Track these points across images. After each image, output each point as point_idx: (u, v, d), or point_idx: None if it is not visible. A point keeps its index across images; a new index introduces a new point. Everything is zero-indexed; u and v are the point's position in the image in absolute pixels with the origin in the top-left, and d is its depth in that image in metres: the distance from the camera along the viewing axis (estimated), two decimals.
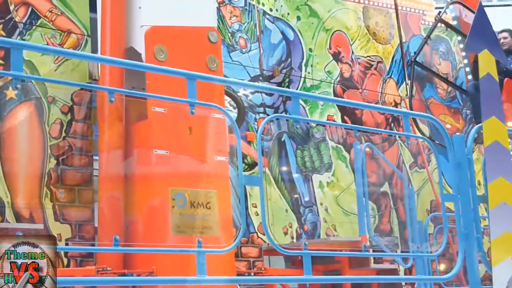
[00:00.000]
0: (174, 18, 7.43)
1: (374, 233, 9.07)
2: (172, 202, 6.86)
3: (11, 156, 7.07)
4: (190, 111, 4.91)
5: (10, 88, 7.08)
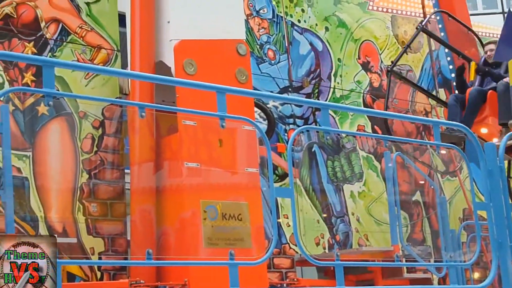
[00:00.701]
0: (203, 31, 7.47)
1: (406, 243, 9.03)
2: (204, 214, 6.88)
3: (44, 171, 7.14)
4: (220, 125, 4.93)
5: (42, 104, 7.15)
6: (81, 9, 7.78)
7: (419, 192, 10.00)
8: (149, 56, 7.38)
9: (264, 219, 7.60)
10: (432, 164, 10.41)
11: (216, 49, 7.46)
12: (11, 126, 6.64)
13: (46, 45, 7.46)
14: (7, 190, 5.84)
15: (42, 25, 7.49)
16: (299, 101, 8.93)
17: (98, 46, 7.79)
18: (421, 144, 8.39)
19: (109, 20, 7.94)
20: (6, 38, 7.26)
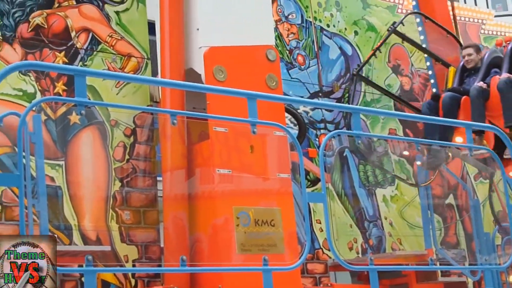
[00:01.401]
0: (232, 38, 7.48)
1: (440, 246, 8.98)
2: (236, 220, 6.89)
3: (77, 180, 7.18)
4: (251, 131, 4.94)
5: (74, 113, 7.20)
6: (110, 18, 7.82)
7: (452, 195, 9.93)
8: (179, 64, 7.40)
9: (297, 224, 7.59)
10: (464, 167, 10.35)
11: (245, 55, 7.46)
12: (44, 136, 6.69)
13: (76, 54, 7.52)
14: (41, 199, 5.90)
15: (72, 35, 7.54)
16: (329, 106, 8.91)
17: (128, 55, 7.83)
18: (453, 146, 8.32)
19: (139, 29, 7.98)
20: (37, 49, 7.33)
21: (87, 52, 7.58)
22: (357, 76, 9.08)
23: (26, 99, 7.08)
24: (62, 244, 6.80)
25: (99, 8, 7.78)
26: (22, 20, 7.35)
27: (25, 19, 7.36)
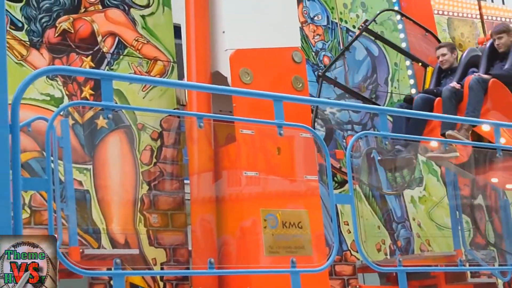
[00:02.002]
0: (258, 40, 7.49)
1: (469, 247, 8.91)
2: (264, 223, 6.89)
3: (105, 184, 7.21)
4: (278, 133, 4.93)
5: (101, 117, 7.23)
6: (136, 22, 7.86)
7: (481, 196, 9.85)
8: (205, 67, 7.42)
9: (324, 226, 7.57)
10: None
11: (271, 58, 7.47)
12: (71, 140, 6.73)
13: (103, 58, 7.55)
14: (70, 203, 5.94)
15: (99, 39, 7.58)
16: (356, 107, 8.88)
17: (155, 58, 7.85)
18: (481, 146, 8.20)
19: (165, 32, 8.00)
20: (64, 53, 7.37)
21: (114, 56, 7.61)
22: (322, 77, 8.25)
23: (53, 103, 7.12)
24: (91, 247, 6.84)
25: (125, 12, 7.82)
26: (49, 25, 7.39)
27: (52, 24, 7.41)
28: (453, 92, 7.77)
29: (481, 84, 7.56)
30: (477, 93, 7.45)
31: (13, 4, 7.25)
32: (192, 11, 7.50)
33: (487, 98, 7.46)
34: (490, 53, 8.16)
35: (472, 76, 7.73)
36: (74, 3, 7.57)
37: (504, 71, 7.76)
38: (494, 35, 8.05)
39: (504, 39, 7.94)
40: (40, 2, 7.41)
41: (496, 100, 7.42)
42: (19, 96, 3.81)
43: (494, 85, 7.56)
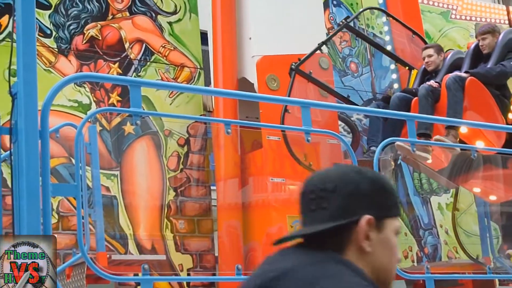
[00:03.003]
0: (284, 46, 7.49)
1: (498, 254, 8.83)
2: (291, 229, 6.87)
3: (132, 189, 7.24)
4: (306, 139, 4.92)
5: (128, 123, 7.26)
6: (163, 28, 7.89)
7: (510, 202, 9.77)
8: (232, 73, 7.43)
9: None
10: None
11: None
12: (99, 146, 6.76)
13: (130, 65, 7.59)
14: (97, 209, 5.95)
15: (126, 46, 7.62)
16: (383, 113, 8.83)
17: (181, 65, 7.88)
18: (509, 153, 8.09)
19: (192, 39, 8.03)
20: (92, 60, 7.41)
21: (141, 62, 7.65)
22: (296, 71, 7.40)
23: (81, 110, 7.17)
24: (118, 253, 6.86)
25: (152, 19, 7.85)
26: (77, 32, 7.44)
27: (80, 31, 7.45)
28: (430, 90, 7.39)
29: (458, 82, 7.22)
30: (455, 93, 7.06)
31: (41, 12, 7.31)
32: (219, 17, 7.53)
33: (464, 97, 7.14)
34: (474, 54, 7.79)
35: (450, 75, 7.40)
36: (102, 10, 7.62)
37: (482, 70, 7.39)
38: (478, 36, 7.63)
39: (488, 40, 7.50)
40: (68, 9, 7.46)
41: (473, 100, 7.06)
42: (49, 103, 3.84)
43: (472, 84, 7.20)
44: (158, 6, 7.95)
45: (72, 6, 7.50)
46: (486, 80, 7.25)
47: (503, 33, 7.56)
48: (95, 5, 7.62)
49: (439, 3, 10.97)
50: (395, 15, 8.89)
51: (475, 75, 7.24)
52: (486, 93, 7.20)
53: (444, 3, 11.03)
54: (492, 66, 7.33)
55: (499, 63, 7.33)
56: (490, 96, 7.21)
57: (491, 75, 7.26)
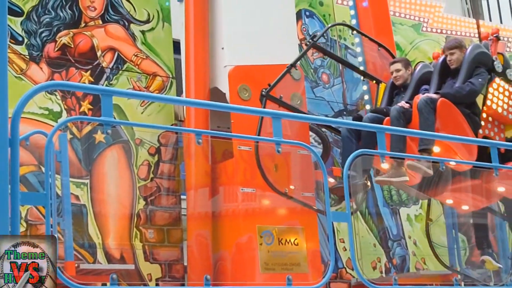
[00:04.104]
0: (257, 57, 7.51)
1: (465, 266, 8.91)
2: (260, 239, 6.89)
3: (101, 198, 7.22)
4: (276, 150, 4.94)
5: (99, 132, 7.24)
6: (136, 37, 7.88)
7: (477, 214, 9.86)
8: (204, 83, 7.43)
9: (320, 243, 7.57)
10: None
11: (270, 74, 7.47)
12: (69, 154, 6.74)
13: (102, 73, 7.57)
14: (66, 217, 5.93)
15: (98, 54, 7.61)
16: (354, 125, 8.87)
17: (154, 74, 7.88)
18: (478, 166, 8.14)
19: (164, 48, 8.03)
20: (63, 68, 7.39)
21: (113, 71, 7.64)
22: (266, 97, 7.28)
23: (52, 118, 7.14)
24: (86, 262, 6.83)
25: (124, 28, 7.85)
26: (49, 39, 7.42)
27: (52, 38, 7.43)
28: (401, 112, 7.33)
29: (430, 105, 7.19)
30: (428, 116, 7.02)
31: (13, 18, 7.28)
32: (191, 27, 7.53)
33: (436, 119, 7.18)
34: (442, 69, 7.77)
35: (420, 97, 7.34)
36: (75, 17, 7.60)
37: (452, 90, 7.34)
38: (446, 51, 7.62)
39: (456, 55, 7.48)
40: (40, 16, 7.43)
41: (445, 121, 7.09)
42: (19, 110, 3.82)
43: (443, 105, 7.20)
44: (131, 14, 7.94)
45: (45, 14, 7.48)
46: (457, 100, 7.26)
47: (470, 47, 7.58)
48: (68, 12, 7.60)
49: (410, 15, 11.06)
50: (367, 28, 8.95)
51: (445, 96, 7.25)
52: (457, 113, 7.23)
53: (416, 16, 11.12)
54: (462, 85, 7.34)
55: (467, 81, 7.36)
56: (461, 115, 7.25)
57: (462, 95, 7.28)
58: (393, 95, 8.02)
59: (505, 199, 7.90)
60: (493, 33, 7.93)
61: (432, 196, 7.98)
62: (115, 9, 7.85)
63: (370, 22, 9.03)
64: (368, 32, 8.86)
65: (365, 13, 9.10)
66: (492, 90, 7.45)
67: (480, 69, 7.43)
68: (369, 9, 9.01)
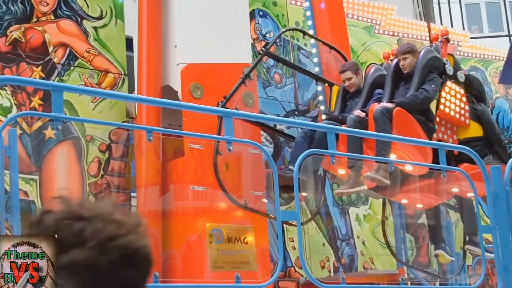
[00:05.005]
0: (209, 55, 7.53)
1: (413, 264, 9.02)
2: (210, 237, 6.91)
3: (51, 195, 7.18)
4: (227, 148, 4.96)
5: (49, 128, 7.20)
6: (88, 33, 7.85)
7: (425, 215, 9.99)
8: (156, 80, 7.43)
9: (270, 242, 7.61)
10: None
11: (222, 73, 7.50)
12: (19, 150, 6.68)
13: (54, 69, 7.53)
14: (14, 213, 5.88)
15: (50, 50, 7.56)
16: (305, 125, 8.93)
17: (105, 70, 7.85)
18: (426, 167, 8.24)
19: (117, 45, 8.01)
20: (14, 63, 7.34)
21: (64, 67, 7.59)
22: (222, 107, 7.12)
23: (1, 112, 7.08)
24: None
25: (77, 24, 7.81)
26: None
27: (2, 33, 7.37)
28: (357, 121, 7.30)
29: (385, 115, 7.23)
30: (384, 126, 7.15)
31: None
32: (144, 24, 7.52)
33: (392, 128, 7.26)
34: (395, 74, 7.80)
35: (376, 107, 7.36)
36: (26, 12, 7.54)
37: (407, 99, 7.40)
38: (399, 56, 7.61)
39: (409, 59, 7.52)
40: None
41: (401, 129, 7.12)
42: None
43: (398, 114, 7.26)
44: (84, 10, 7.91)
45: None
46: (412, 109, 7.33)
47: (422, 52, 7.65)
48: (20, 7, 7.54)
49: (363, 17, 11.16)
50: (323, 29, 9.01)
51: (401, 105, 7.31)
52: (413, 121, 7.30)
53: (368, 18, 11.23)
54: (416, 93, 7.40)
55: (421, 88, 7.43)
56: (416, 123, 7.33)
57: (416, 102, 7.35)
58: (347, 99, 8.04)
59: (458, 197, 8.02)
60: (442, 35, 8.02)
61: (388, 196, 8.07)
62: (67, 4, 7.80)
63: (326, 24, 9.09)
64: (324, 33, 8.93)
65: (321, 15, 9.16)
66: (445, 94, 7.55)
67: (433, 74, 7.52)
68: (326, 11, 9.07)
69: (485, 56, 12.75)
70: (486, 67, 12.52)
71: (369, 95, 7.81)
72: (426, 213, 8.79)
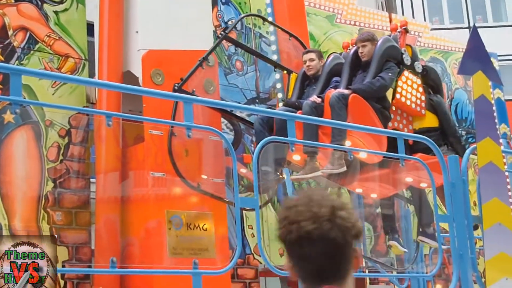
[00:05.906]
0: (171, 42, 7.51)
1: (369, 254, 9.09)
2: (169, 224, 6.91)
3: (9, 179, 7.12)
4: (186, 134, 4.96)
5: (8, 112, 7.14)
6: (49, 17, 7.78)
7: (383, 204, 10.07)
8: (117, 66, 7.40)
9: (229, 229, 7.63)
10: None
11: (184, 60, 7.49)
12: None
13: (13, 53, 7.46)
14: None
15: (9, 33, 7.48)
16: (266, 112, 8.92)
17: (66, 55, 7.80)
18: (385, 156, 8.29)
19: (77, 29, 7.95)
20: None
21: (24, 51, 7.52)
22: (179, 91, 7.10)
23: None
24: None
25: (37, 7, 7.73)
26: None
27: None
28: (313, 107, 7.32)
29: (341, 101, 7.23)
30: (339, 112, 7.17)
31: None
32: (106, 9, 7.48)
33: (348, 114, 7.30)
34: (353, 62, 7.83)
35: (332, 92, 7.38)
36: None
37: (363, 86, 7.42)
38: (358, 43, 7.69)
39: (368, 47, 7.57)
40: None
41: (357, 116, 7.14)
42: None
43: (354, 101, 7.26)
44: None
45: None
46: (368, 96, 7.35)
47: (381, 41, 7.69)
48: None
49: (325, 6, 11.20)
50: (281, 17, 9.03)
51: (357, 92, 7.33)
52: (368, 108, 7.32)
53: (330, 7, 11.27)
54: (372, 81, 7.43)
55: (377, 75, 7.47)
56: (372, 110, 7.35)
57: (372, 90, 7.38)
58: (304, 86, 8.06)
59: (412, 187, 8.09)
60: (401, 25, 8.07)
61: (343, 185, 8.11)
62: None
63: (285, 11, 9.11)
64: (283, 21, 8.95)
65: (280, 2, 9.19)
66: (401, 83, 7.60)
67: (390, 63, 7.57)
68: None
69: (445, 47, 12.87)
70: (446, 58, 12.63)
71: (326, 83, 7.82)
72: (382, 203, 8.83)
